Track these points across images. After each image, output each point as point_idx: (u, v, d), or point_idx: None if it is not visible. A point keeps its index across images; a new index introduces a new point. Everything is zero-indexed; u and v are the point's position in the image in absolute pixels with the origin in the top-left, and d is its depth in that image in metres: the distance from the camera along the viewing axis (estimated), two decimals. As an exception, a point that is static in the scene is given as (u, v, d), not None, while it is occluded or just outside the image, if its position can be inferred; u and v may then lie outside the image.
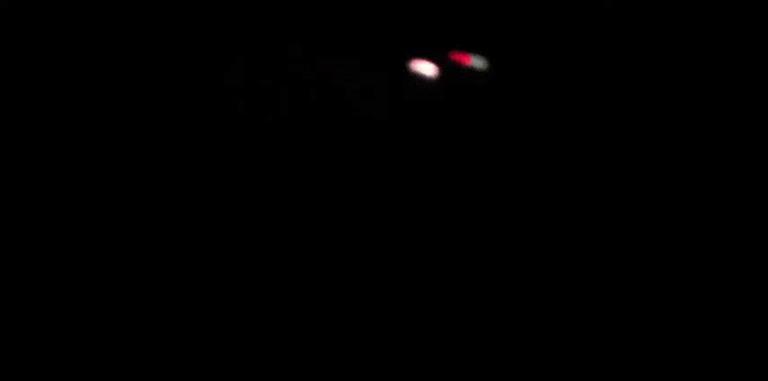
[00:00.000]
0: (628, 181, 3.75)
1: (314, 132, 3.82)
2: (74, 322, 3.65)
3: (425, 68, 3.44)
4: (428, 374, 3.62)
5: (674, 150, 3.78)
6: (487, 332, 3.67)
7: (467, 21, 3.56)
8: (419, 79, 3.46)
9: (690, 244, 3.72)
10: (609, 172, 3.74)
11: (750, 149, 3.76)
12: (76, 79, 3.77)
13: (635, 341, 3.63)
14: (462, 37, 3.58)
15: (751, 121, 3.77)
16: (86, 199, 3.74)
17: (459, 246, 3.70)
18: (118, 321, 3.66)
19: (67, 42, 3.76)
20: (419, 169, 3.74)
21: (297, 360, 3.65)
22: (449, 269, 3.68)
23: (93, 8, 3.76)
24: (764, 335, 3.57)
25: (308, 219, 3.81)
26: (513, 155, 3.70)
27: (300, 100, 3.83)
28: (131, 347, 3.62)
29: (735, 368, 3.55)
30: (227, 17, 3.80)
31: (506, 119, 3.68)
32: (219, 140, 3.80)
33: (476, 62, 3.44)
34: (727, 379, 3.54)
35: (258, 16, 3.81)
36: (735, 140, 3.78)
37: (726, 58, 3.78)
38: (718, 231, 3.72)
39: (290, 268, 3.76)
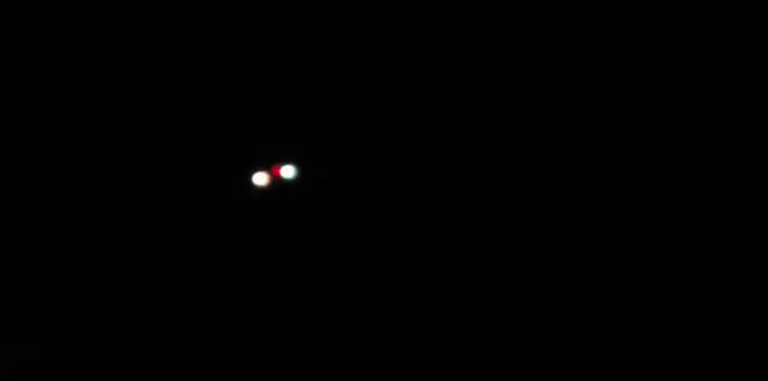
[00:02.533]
0: None
1: (314, 132, 3.82)
2: (71, 321, 3.66)
3: (259, 178, 3.67)
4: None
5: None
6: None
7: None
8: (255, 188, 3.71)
9: (677, 245, 3.72)
10: None
11: (749, 149, 3.76)
12: (76, 79, 3.77)
13: (634, 340, 3.64)
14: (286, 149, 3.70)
15: (750, 121, 3.77)
16: (86, 199, 3.75)
17: None
18: (115, 320, 3.67)
19: (67, 42, 3.76)
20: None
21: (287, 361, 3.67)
22: None
23: (94, 8, 3.76)
24: (764, 335, 3.58)
25: (307, 217, 3.81)
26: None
27: (301, 100, 3.83)
28: (127, 346, 3.64)
29: (735, 368, 3.56)
30: (227, 17, 3.80)
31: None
32: (219, 140, 3.81)
33: (288, 172, 3.60)
34: (727, 379, 3.54)
35: (258, 16, 3.81)
36: (731, 141, 3.78)
37: (724, 62, 3.78)
38: (710, 230, 3.72)
39: (289, 266, 3.77)
